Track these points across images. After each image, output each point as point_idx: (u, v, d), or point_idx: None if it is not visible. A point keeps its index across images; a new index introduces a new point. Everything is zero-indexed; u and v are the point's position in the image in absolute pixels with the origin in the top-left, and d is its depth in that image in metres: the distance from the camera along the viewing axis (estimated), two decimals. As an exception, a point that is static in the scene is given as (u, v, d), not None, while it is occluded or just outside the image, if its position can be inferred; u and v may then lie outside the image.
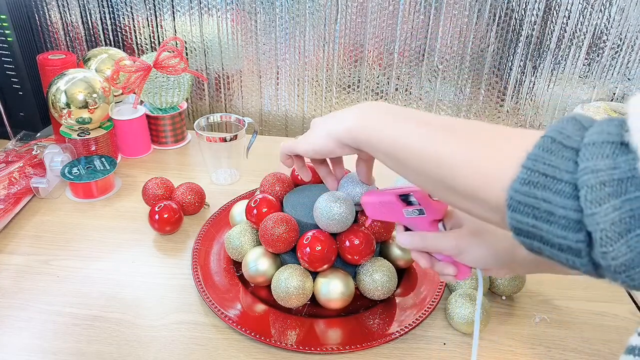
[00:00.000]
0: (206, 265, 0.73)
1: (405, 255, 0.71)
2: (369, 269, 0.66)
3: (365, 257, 0.66)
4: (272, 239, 0.66)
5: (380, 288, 0.65)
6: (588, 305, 0.71)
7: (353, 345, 0.61)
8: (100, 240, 0.80)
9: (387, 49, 1.10)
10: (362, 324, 0.65)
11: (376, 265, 0.67)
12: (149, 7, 1.11)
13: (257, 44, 1.13)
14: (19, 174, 0.87)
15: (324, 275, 0.66)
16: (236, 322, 0.63)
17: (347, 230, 0.65)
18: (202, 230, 0.79)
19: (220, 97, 1.21)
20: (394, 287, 0.67)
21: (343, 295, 0.65)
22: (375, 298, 0.67)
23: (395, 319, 0.66)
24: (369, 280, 0.66)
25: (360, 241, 0.65)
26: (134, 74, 0.98)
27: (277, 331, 0.63)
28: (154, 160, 1.03)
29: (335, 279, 0.65)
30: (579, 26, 1.04)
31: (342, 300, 0.65)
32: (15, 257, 0.76)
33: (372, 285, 0.66)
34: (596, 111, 1.04)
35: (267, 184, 0.75)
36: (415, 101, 1.16)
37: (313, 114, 1.20)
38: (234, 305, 0.66)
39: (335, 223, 0.63)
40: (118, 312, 0.67)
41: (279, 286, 0.64)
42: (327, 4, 1.07)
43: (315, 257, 0.64)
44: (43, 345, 0.62)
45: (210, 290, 0.68)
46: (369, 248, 0.65)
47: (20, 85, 1.01)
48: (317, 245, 0.64)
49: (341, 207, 0.63)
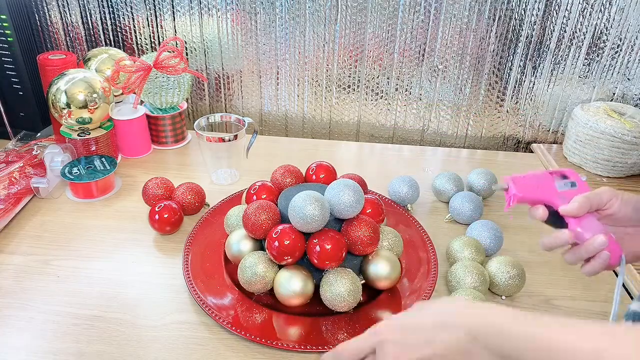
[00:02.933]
0: (199, 266, 0.73)
1: (390, 274, 0.68)
2: (330, 279, 0.65)
3: (332, 263, 0.64)
4: (252, 224, 0.67)
5: (342, 301, 0.64)
6: (588, 305, 0.71)
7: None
8: (100, 240, 0.80)
9: (387, 49, 1.11)
10: (371, 319, 0.66)
11: (340, 276, 0.65)
12: (149, 7, 1.11)
13: (257, 44, 1.13)
14: (19, 174, 0.87)
15: (287, 270, 0.66)
16: (231, 323, 0.63)
17: (320, 232, 0.65)
18: (192, 232, 0.79)
19: (220, 97, 1.21)
20: (355, 301, 0.65)
21: (294, 293, 0.64)
22: (344, 310, 0.65)
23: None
24: (330, 290, 0.64)
25: (331, 246, 0.63)
26: (134, 74, 0.98)
27: (277, 331, 0.63)
28: (154, 160, 1.03)
29: (295, 277, 0.65)
30: (578, 26, 1.04)
31: (298, 298, 0.65)
32: (15, 257, 0.76)
33: (335, 298, 0.64)
34: (596, 111, 1.04)
35: (278, 176, 0.78)
36: (415, 101, 1.16)
37: (313, 114, 1.20)
38: (228, 306, 0.67)
39: (305, 223, 0.63)
40: (118, 312, 0.67)
41: (244, 269, 0.66)
42: (327, 4, 1.07)
43: (281, 250, 0.64)
44: (43, 345, 0.62)
45: (203, 293, 0.68)
46: (337, 255, 0.64)
47: (20, 85, 1.01)
48: (285, 240, 0.64)
49: (315, 208, 0.63)
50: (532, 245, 0.82)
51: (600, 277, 0.75)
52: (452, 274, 0.70)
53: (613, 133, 0.98)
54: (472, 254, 0.73)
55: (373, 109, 1.18)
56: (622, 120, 1.00)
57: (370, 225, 0.66)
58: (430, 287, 0.70)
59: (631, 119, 1.01)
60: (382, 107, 1.18)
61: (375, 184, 0.90)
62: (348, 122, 1.21)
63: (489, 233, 0.78)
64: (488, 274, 0.71)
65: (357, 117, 1.20)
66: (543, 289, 0.73)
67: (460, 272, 0.69)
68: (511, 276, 0.69)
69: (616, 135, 0.98)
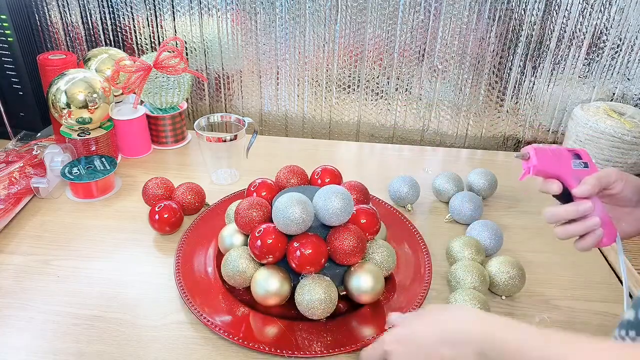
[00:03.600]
0: (190, 269, 0.73)
1: (372, 289, 0.66)
2: (305, 285, 0.64)
3: (311, 268, 0.64)
4: (242, 219, 0.68)
5: (314, 308, 0.63)
6: (588, 305, 0.71)
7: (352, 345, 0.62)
8: (100, 240, 0.80)
9: (387, 49, 1.11)
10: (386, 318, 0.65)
11: (316, 283, 0.64)
12: (149, 7, 1.11)
13: (257, 44, 1.13)
14: (19, 174, 0.87)
15: (266, 269, 0.66)
16: (224, 329, 0.63)
17: (302, 236, 0.64)
18: (186, 233, 0.79)
19: (220, 97, 1.21)
20: (327, 311, 0.64)
21: (269, 293, 0.64)
22: (315, 317, 0.64)
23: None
24: (302, 296, 0.64)
25: (311, 251, 0.63)
26: (134, 74, 0.98)
27: (268, 336, 0.63)
28: (154, 160, 1.03)
29: (273, 277, 0.64)
30: (578, 26, 1.04)
31: (273, 298, 0.65)
32: (15, 257, 0.76)
33: (307, 304, 0.63)
34: (596, 111, 1.04)
35: (283, 176, 0.78)
36: (415, 101, 1.16)
37: (313, 114, 1.20)
38: (222, 313, 0.66)
39: (286, 225, 0.63)
40: (118, 312, 0.67)
41: (227, 263, 0.68)
42: (327, 4, 1.07)
43: (262, 249, 0.64)
44: (43, 345, 0.62)
45: (195, 298, 0.67)
46: (316, 261, 0.63)
47: (20, 85, 1.01)
48: (268, 239, 0.64)
49: (297, 211, 0.62)
50: (532, 245, 0.82)
51: (600, 278, 0.76)
52: (452, 274, 0.70)
53: (613, 133, 0.98)
54: (472, 254, 0.74)
55: (373, 109, 1.18)
56: (622, 120, 1.00)
57: (356, 235, 0.65)
58: (416, 306, 0.67)
59: (631, 119, 1.01)
60: (382, 107, 1.18)
61: (375, 184, 0.90)
62: (348, 122, 1.21)
63: (489, 233, 0.78)
64: (488, 274, 0.71)
65: (357, 117, 1.20)
66: (543, 289, 0.73)
67: (460, 272, 0.69)
68: (511, 276, 0.69)
69: (616, 135, 0.98)
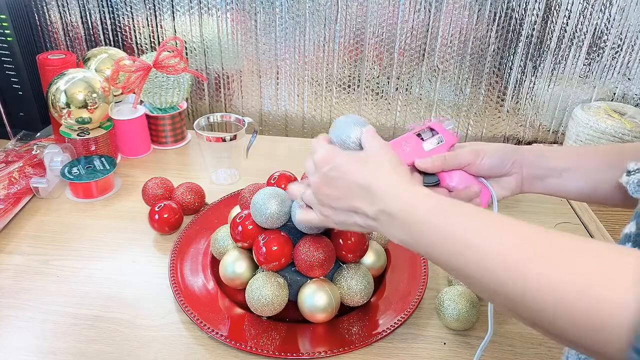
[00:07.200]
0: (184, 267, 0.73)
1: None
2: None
3: (278, 261, 0.64)
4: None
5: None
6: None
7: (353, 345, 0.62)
8: (100, 240, 0.80)
9: (387, 49, 1.10)
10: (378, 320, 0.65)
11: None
12: (149, 7, 1.11)
13: (257, 44, 1.13)
14: (18, 174, 0.87)
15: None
16: (225, 336, 0.63)
17: (272, 231, 0.65)
18: (181, 234, 0.79)
19: (220, 97, 1.21)
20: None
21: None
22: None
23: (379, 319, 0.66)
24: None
25: (277, 246, 0.64)
26: (134, 74, 0.98)
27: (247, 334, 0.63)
28: (154, 160, 1.03)
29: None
30: (579, 26, 1.04)
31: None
32: (15, 257, 0.76)
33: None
34: (596, 111, 1.04)
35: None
36: (415, 101, 1.16)
37: (313, 114, 1.20)
38: (221, 319, 0.65)
39: (265, 220, 0.65)
40: (118, 312, 0.67)
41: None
42: (327, 4, 1.07)
43: (243, 234, 0.66)
44: (43, 345, 0.62)
45: (188, 299, 0.67)
46: (284, 254, 0.64)
47: (20, 85, 1.01)
48: (249, 225, 0.67)
49: (272, 205, 0.64)
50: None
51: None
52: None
53: (613, 133, 0.98)
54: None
55: (373, 108, 1.18)
56: (622, 120, 1.00)
57: (325, 248, 0.63)
58: (411, 308, 0.67)
59: (631, 119, 1.01)
60: (382, 107, 1.18)
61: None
62: (348, 122, 1.21)
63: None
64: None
65: (357, 117, 1.20)
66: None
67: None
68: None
69: (616, 135, 0.98)
